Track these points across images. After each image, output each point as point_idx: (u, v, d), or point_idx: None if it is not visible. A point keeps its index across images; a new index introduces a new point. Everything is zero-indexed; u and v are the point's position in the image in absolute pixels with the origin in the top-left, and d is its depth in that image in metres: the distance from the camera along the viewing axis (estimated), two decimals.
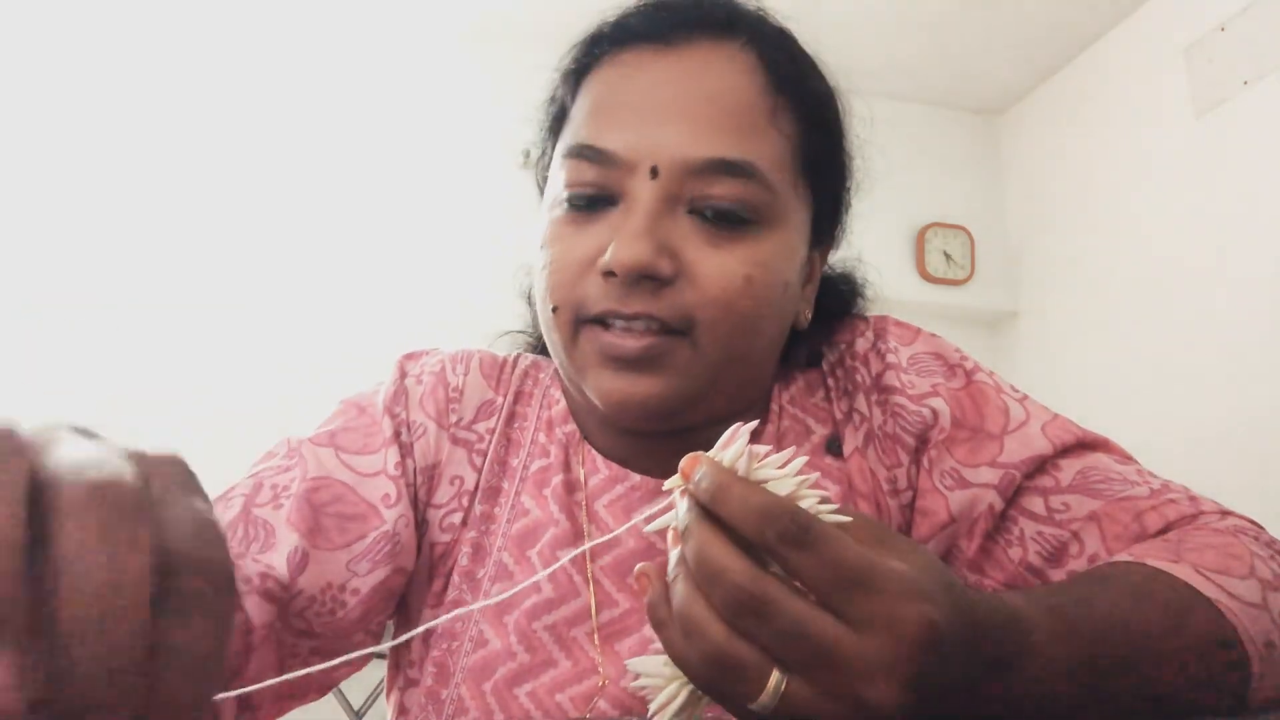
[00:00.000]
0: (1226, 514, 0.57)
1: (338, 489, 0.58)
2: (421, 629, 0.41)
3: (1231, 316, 2.20)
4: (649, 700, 0.40)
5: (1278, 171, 2.13)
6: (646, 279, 0.55)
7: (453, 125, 2.65)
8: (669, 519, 0.38)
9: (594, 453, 0.65)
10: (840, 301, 0.71)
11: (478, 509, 0.63)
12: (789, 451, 0.38)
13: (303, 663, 0.55)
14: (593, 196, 0.58)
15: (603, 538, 0.44)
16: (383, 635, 0.62)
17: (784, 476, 0.36)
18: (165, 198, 2.41)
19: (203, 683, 0.24)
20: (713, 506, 0.36)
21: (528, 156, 2.53)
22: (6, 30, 2.37)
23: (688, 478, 0.37)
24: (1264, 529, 0.57)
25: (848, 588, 0.33)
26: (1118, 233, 2.59)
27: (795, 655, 0.34)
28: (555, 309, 0.58)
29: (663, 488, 0.39)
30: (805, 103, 0.62)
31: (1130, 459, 0.62)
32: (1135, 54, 2.59)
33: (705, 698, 0.38)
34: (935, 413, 0.62)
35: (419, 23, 2.67)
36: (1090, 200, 2.71)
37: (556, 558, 0.61)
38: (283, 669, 0.54)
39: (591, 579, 0.60)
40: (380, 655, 0.61)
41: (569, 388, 0.64)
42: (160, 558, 0.23)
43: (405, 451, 0.63)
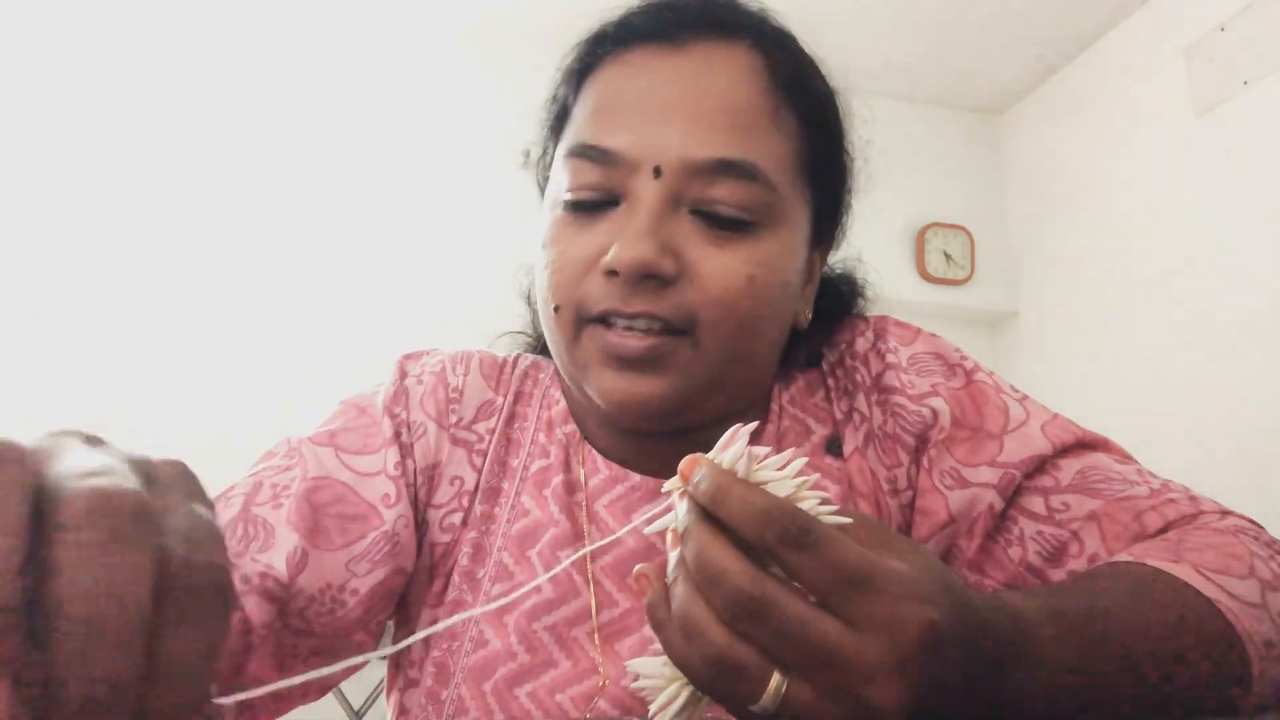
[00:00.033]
0: (1226, 514, 0.57)
1: (338, 489, 0.58)
2: (424, 633, 0.41)
3: (1231, 316, 2.20)
4: (649, 701, 0.40)
5: (1278, 171, 2.13)
6: (649, 278, 0.55)
7: (453, 125, 2.65)
8: (668, 521, 0.38)
9: (594, 453, 0.65)
10: (840, 302, 0.71)
11: (478, 509, 0.63)
12: (789, 453, 0.38)
13: (302, 662, 0.55)
14: (595, 203, 0.58)
15: (603, 540, 0.44)
16: (382, 635, 0.62)
17: (783, 478, 0.36)
18: (165, 198, 2.41)
19: (198, 688, 0.24)
20: (712, 508, 0.35)
21: (528, 156, 2.54)
22: (7, 30, 2.37)
23: (687, 479, 0.37)
24: (1264, 529, 0.57)
25: (848, 589, 0.33)
26: (1118, 233, 2.59)
27: (796, 657, 0.34)
28: (557, 308, 0.58)
29: (662, 489, 0.39)
30: (807, 103, 0.62)
31: (1130, 458, 0.62)
32: (1135, 54, 2.58)
33: (706, 698, 0.38)
34: (935, 412, 0.62)
35: (419, 23, 2.67)
36: (1090, 200, 2.71)
37: (557, 558, 0.61)
38: (282, 668, 0.54)
39: (592, 579, 0.60)
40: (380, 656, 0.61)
41: (570, 387, 0.64)
42: (159, 567, 0.24)
43: (405, 452, 0.63)
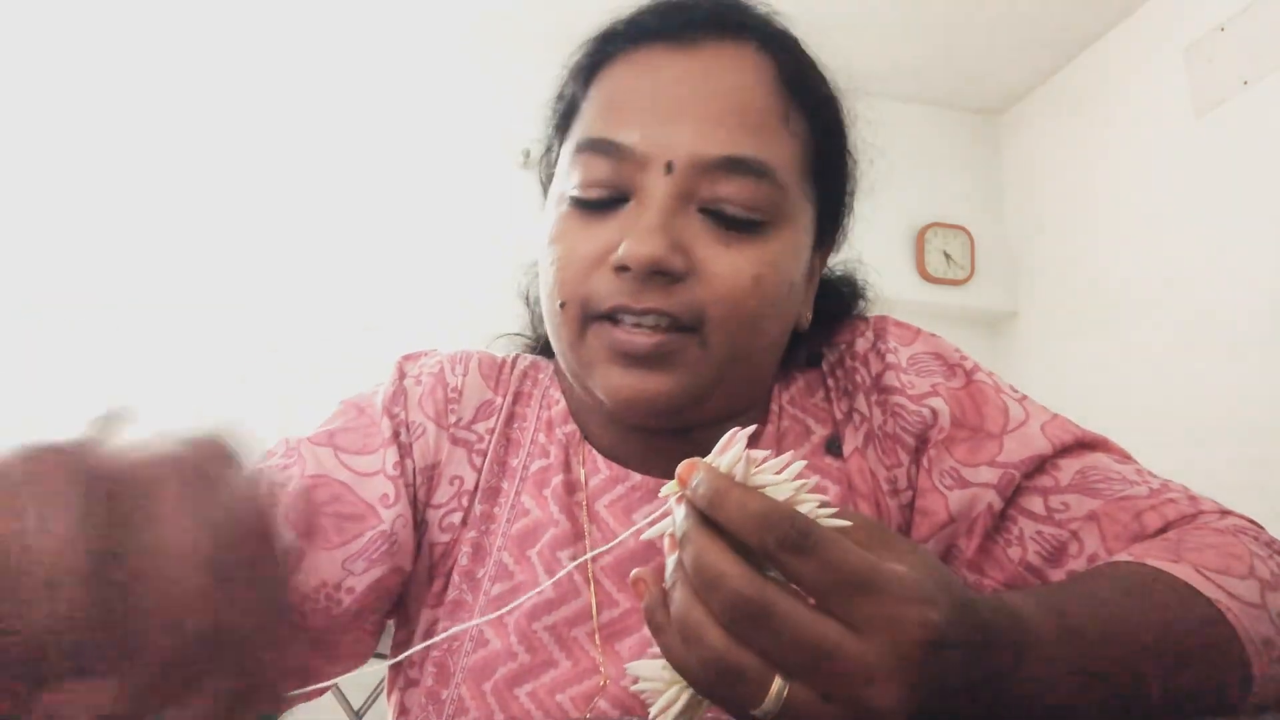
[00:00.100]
0: (1226, 513, 0.57)
1: (335, 488, 0.58)
2: (431, 642, 0.41)
3: (1231, 316, 2.20)
4: (649, 704, 0.39)
5: (1278, 171, 2.13)
6: (659, 274, 0.55)
7: (453, 125, 2.65)
8: (666, 525, 0.38)
9: (594, 453, 0.65)
10: (841, 303, 0.71)
11: (477, 509, 0.63)
12: (787, 456, 0.37)
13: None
14: (603, 199, 0.58)
15: (604, 547, 0.44)
16: (381, 633, 0.62)
17: (782, 481, 0.36)
18: (165, 198, 2.41)
19: (269, 644, 0.26)
20: (710, 512, 0.35)
21: (528, 156, 2.55)
22: (7, 30, 2.37)
23: (685, 483, 0.37)
24: (1264, 529, 0.57)
25: (849, 592, 0.33)
26: (1118, 233, 2.59)
27: (797, 660, 0.33)
28: (563, 304, 0.58)
29: (660, 493, 0.39)
30: (814, 106, 0.62)
31: (1129, 458, 0.62)
32: (1135, 54, 2.58)
33: (706, 701, 0.38)
34: (935, 412, 0.62)
35: (419, 23, 2.67)
36: (1090, 200, 2.71)
37: (556, 558, 0.61)
38: None
39: (592, 579, 0.60)
40: (380, 655, 0.61)
41: (573, 385, 0.64)
42: (219, 537, 0.25)
43: (404, 452, 0.63)
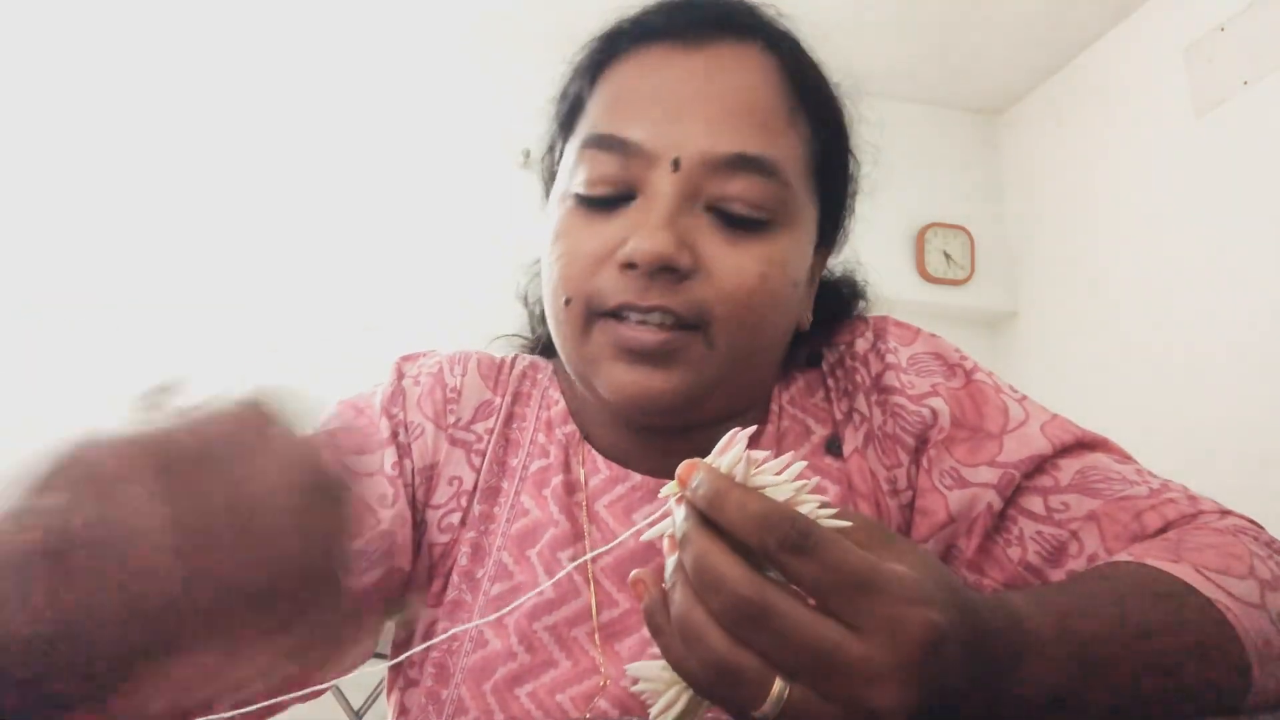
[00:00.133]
0: (1226, 513, 0.57)
1: None
2: (430, 644, 0.41)
3: (1231, 316, 2.20)
4: (649, 705, 0.39)
5: (1278, 171, 2.13)
6: (666, 271, 0.55)
7: (453, 125, 2.65)
8: (666, 526, 0.38)
9: (594, 453, 0.65)
10: (841, 303, 0.71)
11: (476, 509, 0.63)
12: (788, 457, 0.37)
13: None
14: (609, 196, 0.58)
15: (604, 548, 0.44)
16: (380, 633, 0.62)
17: (782, 482, 0.36)
18: (165, 198, 2.41)
19: (349, 576, 0.32)
20: (710, 513, 0.35)
21: (528, 156, 2.55)
22: (7, 30, 2.37)
23: (685, 484, 0.37)
24: (1264, 529, 0.57)
25: (850, 593, 0.33)
26: (1118, 233, 2.59)
27: (797, 661, 0.33)
28: (568, 301, 0.58)
29: (660, 494, 0.39)
30: (818, 107, 0.63)
31: (1129, 458, 0.61)
32: (1135, 54, 2.58)
33: (705, 701, 0.38)
34: (935, 412, 0.62)
35: (419, 23, 2.67)
36: (1090, 200, 2.71)
37: (556, 558, 0.61)
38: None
39: (592, 579, 0.60)
40: (380, 655, 0.61)
41: (574, 385, 0.64)
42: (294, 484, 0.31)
43: (403, 452, 0.62)
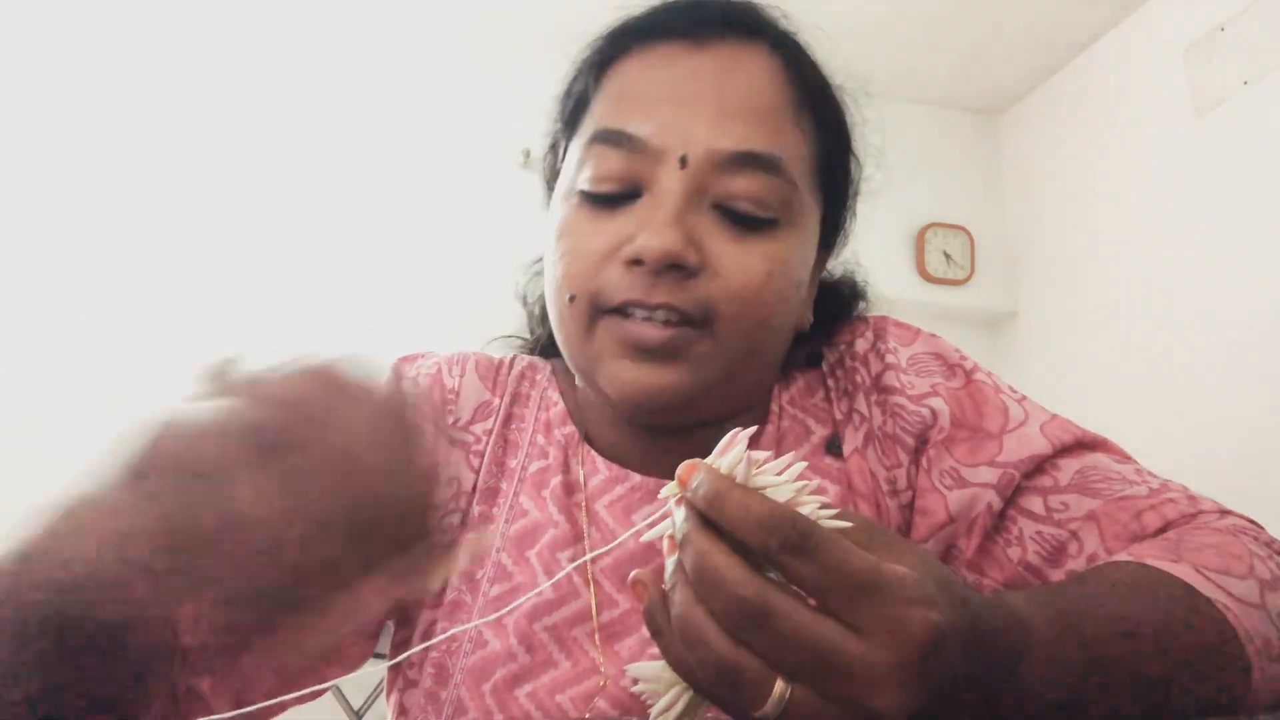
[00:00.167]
0: (1225, 513, 0.57)
1: None
2: (429, 644, 0.41)
3: (1231, 316, 2.20)
4: (649, 705, 0.39)
5: (1278, 171, 2.13)
6: (674, 269, 0.55)
7: (453, 125, 2.65)
8: (666, 526, 0.38)
9: (593, 454, 0.65)
10: (841, 304, 0.71)
11: (475, 510, 0.63)
12: (788, 457, 0.37)
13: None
14: (614, 193, 0.58)
15: (604, 549, 0.44)
16: (380, 633, 0.62)
17: (783, 483, 0.36)
18: (165, 198, 2.41)
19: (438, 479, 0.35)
20: (711, 514, 0.35)
21: (528, 156, 2.55)
22: (7, 30, 2.37)
23: (685, 485, 0.36)
24: (1263, 529, 0.57)
25: (851, 594, 0.33)
26: (1118, 233, 2.59)
27: (798, 663, 0.33)
28: (572, 298, 0.58)
29: (660, 495, 0.39)
30: (822, 108, 0.63)
31: (1129, 458, 0.61)
32: (1135, 54, 2.58)
33: (706, 702, 0.38)
34: (935, 413, 0.62)
35: (420, 23, 2.67)
36: (1090, 200, 2.71)
37: (556, 559, 0.61)
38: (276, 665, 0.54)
39: (592, 580, 0.60)
40: (379, 655, 0.61)
41: (578, 381, 0.64)
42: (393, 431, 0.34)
43: None
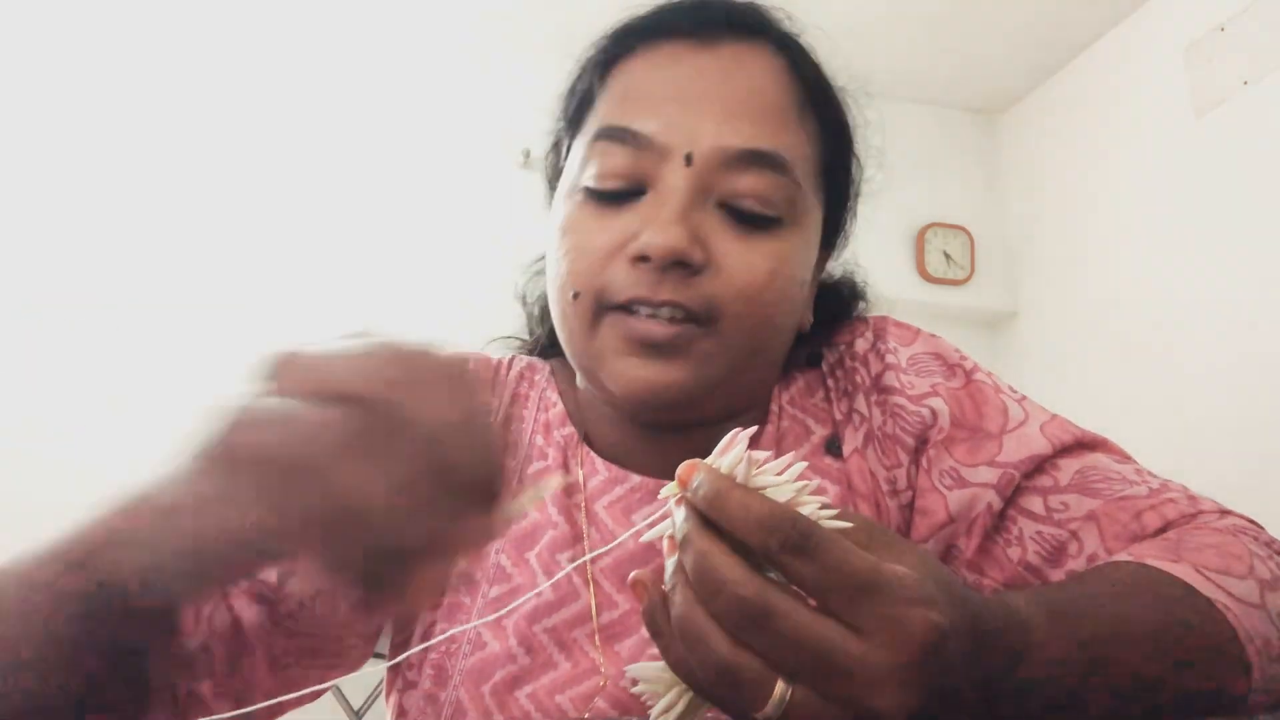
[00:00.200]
0: (1225, 513, 0.57)
1: None
2: (427, 645, 0.41)
3: (1231, 316, 2.20)
4: (649, 706, 0.39)
5: (1278, 171, 2.13)
6: (679, 266, 0.55)
7: (453, 125, 2.65)
8: (666, 527, 0.38)
9: (592, 454, 0.65)
10: (841, 304, 0.71)
11: None
12: (788, 457, 0.37)
13: (296, 662, 0.56)
14: (619, 190, 0.58)
15: (603, 549, 0.44)
16: (379, 635, 0.62)
17: (783, 483, 0.36)
18: (165, 198, 2.41)
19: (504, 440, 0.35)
20: (711, 514, 0.35)
21: (528, 156, 2.55)
22: (6, 30, 2.37)
23: (685, 485, 0.36)
24: (1264, 529, 0.57)
25: (851, 594, 0.33)
26: (1117, 233, 2.59)
27: (799, 663, 0.33)
28: (576, 295, 0.58)
29: (660, 495, 0.39)
30: (825, 108, 0.64)
31: (1129, 458, 0.61)
32: (1135, 54, 2.58)
33: (706, 703, 0.38)
34: (934, 413, 0.62)
35: (420, 22, 2.67)
36: (1090, 200, 2.71)
37: (555, 560, 0.61)
38: (276, 667, 0.55)
39: (591, 581, 0.60)
40: (379, 655, 0.61)
41: (580, 380, 0.63)
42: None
43: None
